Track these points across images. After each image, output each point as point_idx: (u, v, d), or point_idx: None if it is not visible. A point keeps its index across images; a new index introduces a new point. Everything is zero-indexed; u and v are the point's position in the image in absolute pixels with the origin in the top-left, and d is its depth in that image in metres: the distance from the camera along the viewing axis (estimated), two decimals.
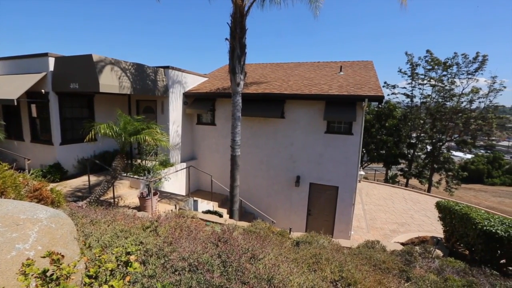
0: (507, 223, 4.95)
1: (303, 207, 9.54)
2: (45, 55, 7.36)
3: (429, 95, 22.84)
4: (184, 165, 9.92)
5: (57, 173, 7.54)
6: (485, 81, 21.06)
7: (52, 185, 4.52)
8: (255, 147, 9.93)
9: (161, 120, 9.59)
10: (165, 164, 9.12)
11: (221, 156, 10.28)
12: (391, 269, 3.94)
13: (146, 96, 9.38)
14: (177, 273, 2.02)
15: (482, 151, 44.90)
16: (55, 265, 1.13)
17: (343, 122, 8.65)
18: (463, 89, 21.26)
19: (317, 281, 2.30)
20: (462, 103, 21.46)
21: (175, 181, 9.28)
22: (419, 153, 24.35)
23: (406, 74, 23.60)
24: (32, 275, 1.10)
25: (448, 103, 21.87)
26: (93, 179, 7.87)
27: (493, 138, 26.77)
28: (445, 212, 6.39)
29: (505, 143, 79.17)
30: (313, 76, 10.70)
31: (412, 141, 24.31)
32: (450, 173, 22.44)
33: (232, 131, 7.52)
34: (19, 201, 2.08)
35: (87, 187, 7.16)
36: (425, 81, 22.74)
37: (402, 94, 24.39)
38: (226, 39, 7.32)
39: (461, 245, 5.94)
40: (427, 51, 22.09)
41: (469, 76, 20.87)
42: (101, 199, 6.48)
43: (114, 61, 7.48)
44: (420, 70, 22.85)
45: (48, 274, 1.11)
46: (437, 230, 8.92)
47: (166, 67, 9.39)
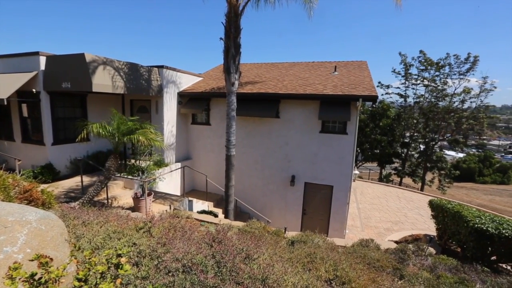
0: (497, 221, 5.04)
1: (298, 207, 9.57)
2: (36, 53, 7.22)
3: (422, 95, 23.14)
4: (179, 165, 9.85)
5: (49, 173, 7.42)
6: (477, 81, 21.46)
7: (43, 186, 4.44)
8: (250, 147, 9.92)
9: (156, 120, 9.50)
10: (160, 164, 9.04)
11: (216, 156, 10.24)
12: (385, 267, 3.97)
13: (140, 95, 9.29)
14: (170, 274, 2.00)
15: (473, 150, 45.70)
16: (43, 269, 1.10)
17: (337, 121, 8.69)
18: (455, 89, 21.63)
19: (312, 280, 2.30)
20: (454, 103, 21.82)
21: (169, 181, 9.22)
22: (412, 152, 24.67)
23: (399, 74, 23.87)
24: (19, 279, 1.07)
25: (440, 103, 22.20)
26: (86, 179, 7.76)
27: (484, 137, 27.28)
28: (438, 210, 6.48)
29: (496, 142, 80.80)
30: (307, 76, 10.73)
31: (405, 141, 24.61)
32: (442, 172, 22.78)
33: (227, 131, 7.50)
34: (8, 202, 2.03)
35: (80, 188, 7.06)
36: (418, 81, 23.05)
37: (396, 94, 24.68)
38: (220, 38, 7.29)
39: (453, 242, 6.03)
40: (420, 52, 22.38)
41: (461, 76, 21.23)
42: (95, 199, 6.40)
43: (107, 60, 7.39)
44: (413, 70, 23.17)
45: (36, 277, 1.08)
46: (430, 228, 9.04)
47: (160, 67, 9.31)
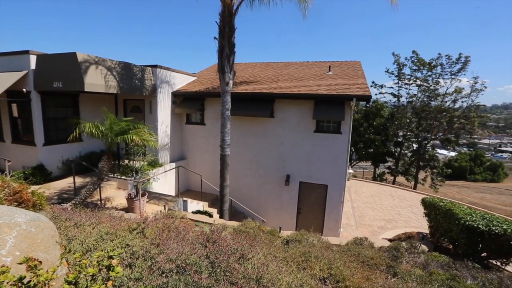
0: (487, 218, 5.14)
1: (293, 206, 9.60)
2: (26, 52, 7.08)
3: (415, 95, 23.43)
4: (173, 165, 9.79)
5: (40, 175, 7.29)
6: (468, 81, 21.81)
7: (34, 188, 4.37)
8: (245, 147, 9.91)
9: (149, 119, 9.42)
10: (154, 164, 8.96)
11: (210, 155, 10.20)
12: (379, 265, 4.01)
13: (133, 95, 9.19)
14: (164, 275, 1.98)
15: (465, 148, 46.51)
16: (31, 272, 1.08)
17: (332, 121, 8.75)
18: (447, 89, 21.95)
19: (306, 279, 2.31)
20: (446, 102, 22.14)
21: (164, 181, 9.15)
22: (405, 151, 24.98)
23: (393, 74, 24.12)
24: (7, 283, 1.05)
25: (433, 103, 22.51)
26: (79, 180, 7.65)
27: (475, 136, 27.79)
28: (430, 208, 6.57)
29: (486, 141, 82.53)
30: (302, 75, 10.77)
31: (399, 140, 24.90)
32: (435, 170, 23.12)
33: (221, 130, 7.47)
34: None
35: (72, 189, 6.96)
36: (411, 81, 23.32)
37: (389, 93, 24.93)
38: (215, 38, 7.26)
39: (445, 240, 6.13)
40: (413, 52, 22.65)
41: (453, 76, 21.56)
42: (88, 201, 6.31)
43: (99, 59, 7.29)
44: (406, 70, 23.44)
45: (25, 281, 1.06)
46: (422, 226, 9.17)
47: (154, 66, 9.23)
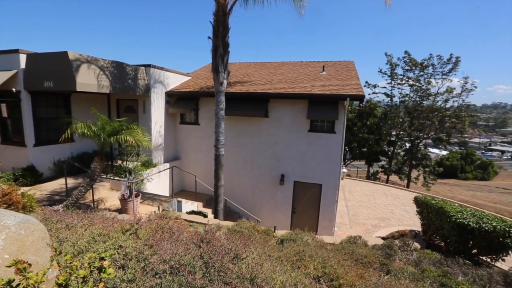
0: (478, 215, 5.24)
1: (288, 205, 9.64)
2: (16, 51, 6.94)
3: (407, 95, 23.75)
4: (167, 165, 9.72)
5: (30, 176, 7.16)
6: (458, 81, 22.22)
7: (24, 189, 4.29)
8: (239, 147, 9.90)
9: (143, 119, 9.34)
10: (148, 164, 8.89)
11: (205, 155, 10.17)
12: (372, 263, 4.06)
13: (126, 95, 9.09)
14: (157, 276, 1.97)
15: (456, 147, 47.37)
16: (21, 275, 1.06)
17: (326, 120, 8.80)
18: (438, 89, 22.33)
19: (300, 278, 2.32)
20: (437, 102, 22.50)
21: (158, 182, 9.08)
22: (398, 151, 25.31)
23: (386, 74, 24.41)
24: None
25: (425, 102, 22.86)
26: (71, 182, 7.53)
27: (466, 135, 28.30)
28: (423, 206, 6.67)
29: (477, 140, 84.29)
30: (296, 75, 10.81)
31: (392, 139, 25.21)
32: (427, 169, 23.49)
33: (216, 130, 7.45)
34: None
35: (64, 191, 6.85)
36: (404, 81, 23.65)
37: (382, 93, 25.22)
38: (209, 37, 7.24)
39: (437, 237, 6.23)
40: (405, 52, 22.97)
41: (444, 76, 21.94)
42: (80, 202, 6.22)
43: (91, 58, 7.19)
44: (399, 70, 23.75)
45: (14, 284, 1.04)
46: (415, 224, 9.30)
47: (147, 66, 9.14)
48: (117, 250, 2.19)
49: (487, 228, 4.90)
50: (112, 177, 7.56)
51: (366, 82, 26.23)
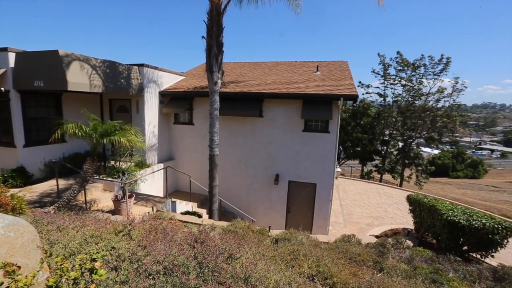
0: (468, 213, 5.35)
1: (283, 205, 9.66)
2: (5, 50, 6.79)
3: (400, 95, 24.06)
4: (161, 165, 9.65)
5: (20, 177, 7.01)
6: (449, 81, 22.62)
7: (13, 191, 4.20)
8: (233, 146, 9.89)
9: (136, 119, 9.24)
10: (141, 165, 8.81)
11: (199, 156, 10.12)
12: (366, 261, 4.10)
13: (119, 95, 8.98)
14: (151, 277, 1.95)
15: (447, 146, 48.17)
16: (9, 277, 1.04)
17: (320, 120, 8.86)
18: (430, 89, 22.68)
19: (294, 277, 2.33)
20: (429, 102, 22.86)
21: (152, 182, 9.00)
22: (391, 150, 25.61)
23: (379, 74, 24.68)
24: None
25: (417, 102, 23.19)
26: (62, 183, 7.41)
27: (457, 134, 28.81)
28: (415, 204, 6.77)
29: (467, 139, 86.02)
30: (290, 75, 10.84)
31: (385, 138, 25.49)
32: (419, 168, 23.83)
33: (210, 130, 7.43)
34: None
35: (55, 192, 6.73)
36: (396, 81, 23.95)
37: (375, 93, 25.48)
38: (202, 37, 7.20)
39: (429, 235, 6.33)
40: (397, 53, 23.27)
41: (435, 76, 22.30)
42: (72, 203, 6.13)
43: (83, 57, 7.09)
44: (391, 70, 24.04)
45: (2, 287, 1.02)
46: (408, 222, 9.43)
47: (140, 65, 9.05)
48: (110, 251, 2.16)
49: (477, 225, 5.00)
50: (105, 178, 7.46)
51: (359, 82, 26.47)
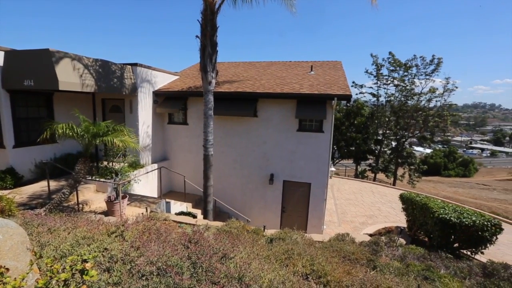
0: (459, 211, 5.45)
1: (277, 204, 9.69)
2: None
3: (392, 94, 24.37)
4: (155, 166, 9.57)
5: (10, 179, 6.87)
6: (440, 81, 23.00)
7: (3, 193, 4.12)
8: (228, 146, 9.87)
9: (130, 119, 9.15)
10: (135, 165, 8.72)
11: (194, 156, 10.07)
12: (360, 259, 4.14)
13: (112, 94, 8.88)
14: (144, 278, 1.94)
15: (439, 146, 48.94)
16: None
17: (314, 120, 8.90)
18: (422, 89, 23.05)
19: (288, 276, 2.34)
20: (421, 102, 23.23)
21: (146, 183, 8.92)
22: (385, 149, 25.92)
23: (372, 74, 24.96)
24: None
25: (409, 102, 23.54)
26: (54, 184, 7.29)
27: (448, 134, 29.31)
28: (408, 203, 6.86)
29: (458, 138, 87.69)
30: (285, 75, 10.88)
31: (378, 138, 25.79)
32: (412, 167, 24.18)
33: (204, 130, 7.40)
34: None
35: (46, 193, 6.61)
36: (389, 81, 24.26)
37: (369, 93, 25.76)
38: (196, 36, 7.17)
39: (422, 232, 6.42)
40: (390, 53, 23.58)
41: (427, 77, 22.66)
42: (64, 205, 6.03)
43: (75, 56, 6.98)
44: (384, 71, 24.35)
45: None
46: (401, 220, 9.54)
47: (134, 64, 8.96)
48: (102, 252, 2.14)
49: (467, 222, 5.10)
50: (97, 179, 7.36)
51: (353, 82, 26.71)
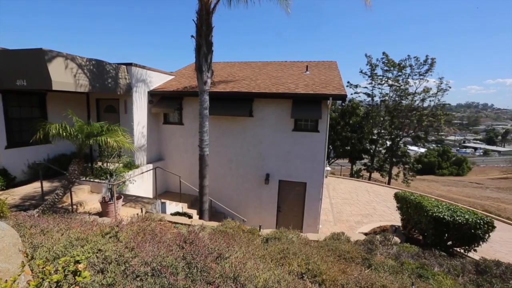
0: (452, 209, 5.52)
1: (273, 204, 9.70)
2: None
3: (387, 94, 24.59)
4: (150, 166, 9.51)
5: (2, 180, 6.76)
6: (434, 81, 23.30)
7: None
8: (224, 146, 9.86)
9: (125, 120, 9.07)
10: (130, 166, 8.65)
11: (189, 156, 10.04)
12: (355, 258, 4.17)
13: (107, 94, 8.80)
14: (138, 279, 1.93)
15: (433, 145, 49.49)
16: None
17: (309, 120, 8.94)
18: (416, 89, 23.32)
19: (283, 275, 2.35)
20: (415, 101, 23.50)
21: (141, 183, 8.86)
22: (380, 148, 26.14)
23: (366, 74, 25.15)
24: None
25: (403, 102, 23.78)
26: (47, 185, 7.19)
27: (442, 133, 29.66)
28: (402, 202, 6.93)
29: (452, 138, 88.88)
30: (280, 75, 10.90)
31: (373, 137, 25.99)
32: (406, 166, 24.44)
33: (200, 130, 7.38)
34: None
35: (39, 194, 6.52)
36: (383, 81, 24.48)
37: (363, 93, 25.96)
38: (192, 36, 7.14)
39: (416, 231, 6.49)
40: (383, 53, 23.82)
41: (421, 77, 22.93)
42: (58, 206, 5.96)
43: (68, 56, 6.90)
44: (378, 71, 24.57)
45: None
46: (396, 219, 9.63)
47: (128, 64, 8.89)
48: (96, 253, 2.12)
49: (460, 220, 5.17)
50: (92, 180, 7.28)
51: (348, 82, 26.86)
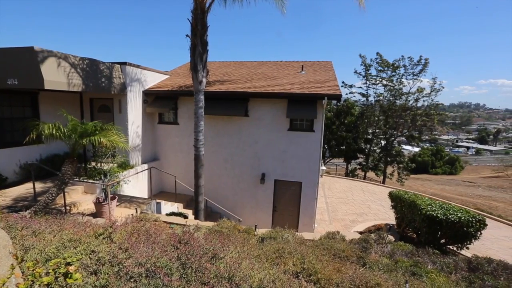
0: (445, 207, 5.60)
1: (269, 204, 9.71)
2: None
3: (381, 94, 24.82)
4: (145, 166, 9.44)
5: None
6: (428, 81, 23.59)
7: None
8: (219, 146, 9.83)
9: (119, 119, 8.98)
10: (124, 166, 8.57)
11: (185, 156, 9.98)
12: (350, 257, 4.20)
13: (101, 94, 8.70)
14: (132, 280, 1.91)
15: (427, 144, 50.08)
16: None
17: (305, 119, 8.96)
18: (410, 89, 23.60)
19: (278, 275, 2.36)
20: (409, 101, 23.76)
21: (135, 183, 8.79)
22: (374, 148, 26.38)
23: (361, 74, 25.34)
24: None
25: (398, 102, 24.02)
26: (40, 186, 7.08)
27: (436, 132, 30.03)
28: (396, 200, 7.00)
29: (445, 137, 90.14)
30: (276, 75, 10.91)
31: (368, 137, 26.21)
32: (401, 165, 24.70)
33: (195, 130, 7.35)
34: None
35: (32, 195, 6.42)
36: (378, 81, 24.70)
37: (358, 93, 26.15)
38: (187, 35, 7.11)
39: (410, 229, 6.56)
40: (377, 54, 24.02)
41: (415, 77, 23.20)
42: (50, 207, 5.87)
43: (61, 55, 6.80)
44: (373, 71, 24.77)
45: None
46: (390, 217, 9.72)
47: (123, 63, 8.80)
48: (89, 255, 2.09)
49: (453, 219, 5.24)
50: (85, 180, 7.20)
51: (343, 82, 27.02)
